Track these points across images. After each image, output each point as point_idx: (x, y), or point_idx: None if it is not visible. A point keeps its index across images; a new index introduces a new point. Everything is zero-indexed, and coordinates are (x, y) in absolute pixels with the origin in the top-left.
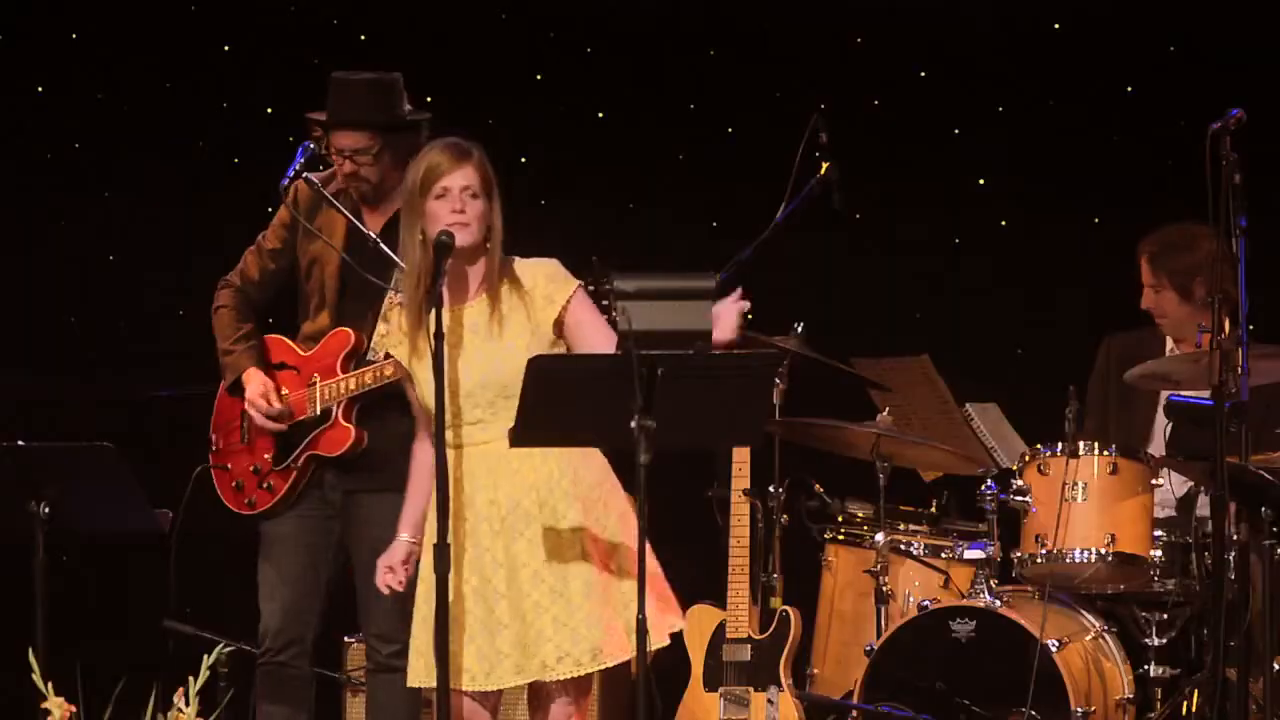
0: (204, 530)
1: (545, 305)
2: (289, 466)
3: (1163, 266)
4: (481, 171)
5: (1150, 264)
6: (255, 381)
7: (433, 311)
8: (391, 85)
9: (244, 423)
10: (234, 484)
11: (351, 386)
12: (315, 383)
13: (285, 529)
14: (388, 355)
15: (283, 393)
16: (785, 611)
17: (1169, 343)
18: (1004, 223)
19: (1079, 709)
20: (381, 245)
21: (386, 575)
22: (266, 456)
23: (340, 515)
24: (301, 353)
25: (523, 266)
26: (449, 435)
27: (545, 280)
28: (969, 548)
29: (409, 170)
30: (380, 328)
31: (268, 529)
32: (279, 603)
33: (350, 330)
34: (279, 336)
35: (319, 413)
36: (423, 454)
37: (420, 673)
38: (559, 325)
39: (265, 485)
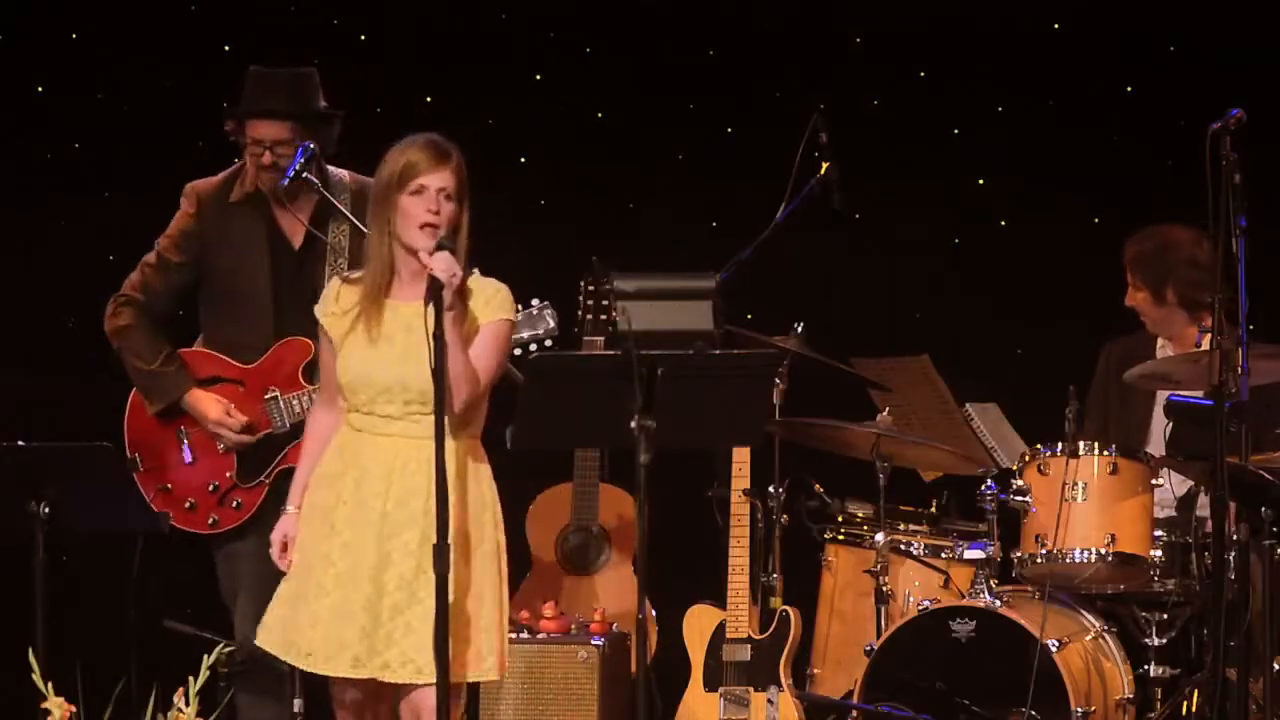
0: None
1: (481, 318)
2: (260, 483)
3: (1137, 269)
4: (459, 175)
5: (1128, 266)
6: (209, 403)
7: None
8: (308, 78)
9: (183, 441)
10: (186, 504)
11: None
12: (275, 395)
13: (249, 544)
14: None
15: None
16: (785, 611)
17: (1159, 341)
18: (1004, 223)
19: (1079, 709)
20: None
21: (286, 552)
22: (228, 474)
23: None
24: (239, 365)
25: (477, 282)
26: (356, 418)
27: (485, 302)
28: (969, 548)
29: (382, 163)
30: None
31: (231, 548)
32: (252, 615)
33: (308, 340)
34: (201, 349)
35: (289, 426)
36: (318, 425)
37: (269, 639)
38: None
39: (233, 504)
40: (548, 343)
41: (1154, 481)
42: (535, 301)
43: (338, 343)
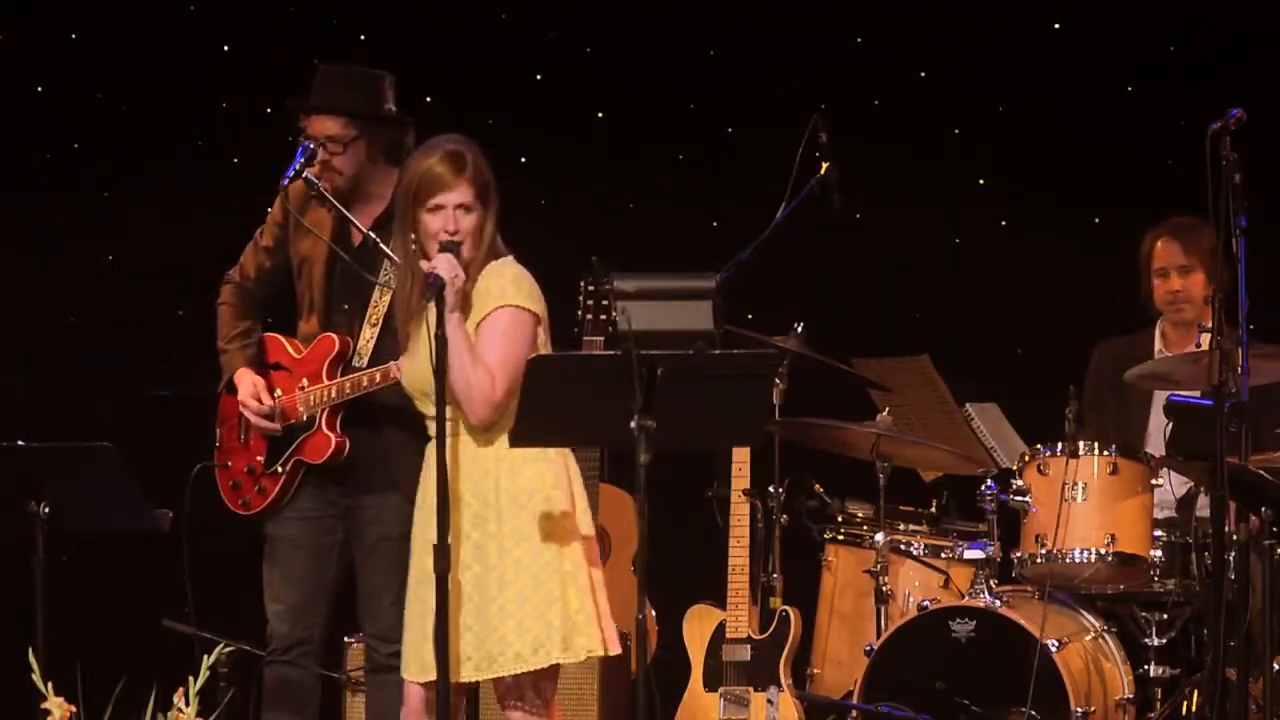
0: (204, 530)
1: (482, 306)
2: (276, 470)
3: (1194, 245)
4: (477, 183)
5: (1182, 244)
6: (245, 382)
7: (432, 309)
8: (375, 78)
9: (241, 421)
10: (231, 483)
11: (333, 394)
12: (304, 387)
13: (290, 531)
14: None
15: (276, 393)
16: (785, 611)
17: (1157, 343)
18: (1004, 223)
19: (1079, 709)
20: (380, 243)
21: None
22: (259, 458)
23: (343, 516)
24: (295, 355)
25: (494, 270)
26: (432, 427)
27: (482, 291)
28: (969, 548)
29: (404, 170)
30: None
31: (273, 531)
32: (285, 605)
33: (336, 336)
34: (279, 336)
35: (305, 418)
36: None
37: (411, 667)
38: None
39: (259, 487)
40: None
41: (1154, 481)
42: None
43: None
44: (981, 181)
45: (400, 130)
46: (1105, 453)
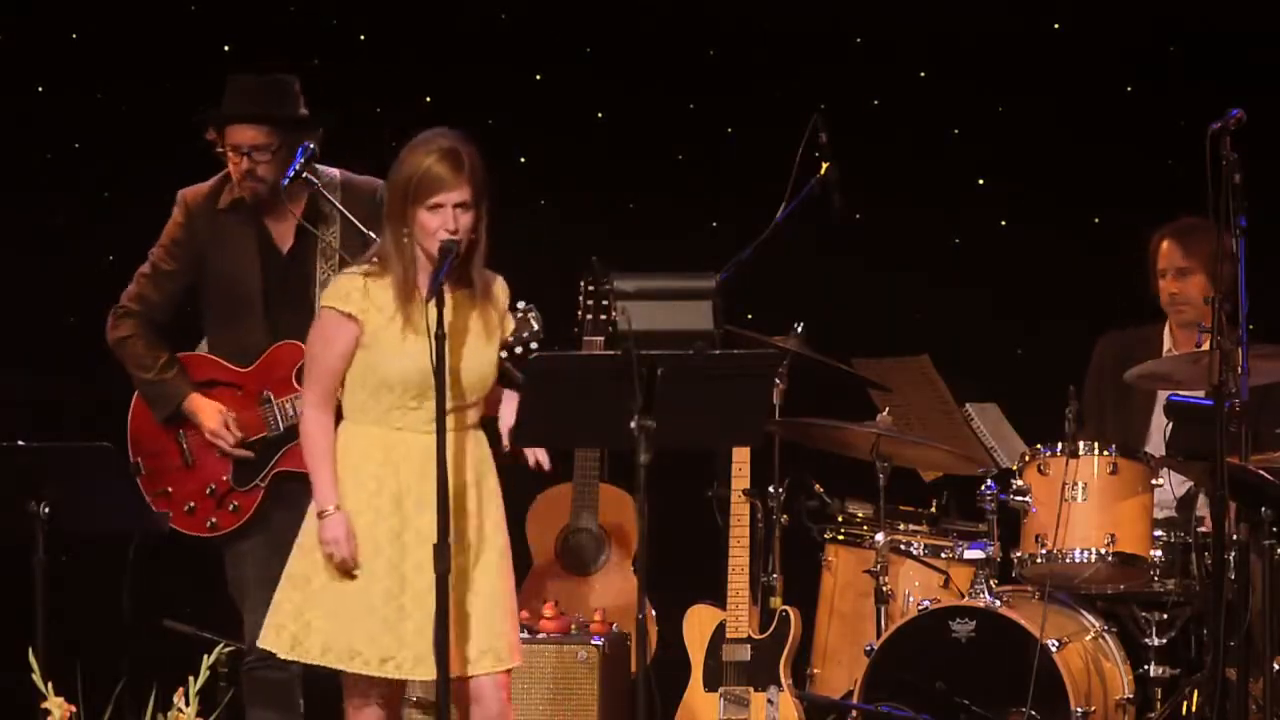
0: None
1: (507, 324)
2: (256, 486)
3: (1195, 248)
4: (474, 181)
5: (1183, 246)
6: (210, 412)
7: (433, 306)
8: (287, 84)
9: (183, 445)
10: (185, 508)
11: None
12: (270, 400)
13: (254, 542)
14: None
15: (230, 415)
16: (785, 611)
17: (1166, 341)
18: (1004, 223)
19: (1079, 709)
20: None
21: (345, 548)
22: (225, 478)
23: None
24: (235, 369)
25: (491, 277)
26: (390, 418)
27: (505, 299)
28: (969, 548)
29: (398, 165)
30: (337, 289)
31: (232, 544)
32: (258, 613)
33: (299, 344)
34: (199, 354)
35: (282, 429)
36: (327, 425)
37: (274, 639)
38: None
39: (232, 506)
40: (533, 345)
41: (1154, 481)
42: (520, 304)
43: (371, 337)
44: (981, 181)
45: (312, 131)
46: (1105, 453)
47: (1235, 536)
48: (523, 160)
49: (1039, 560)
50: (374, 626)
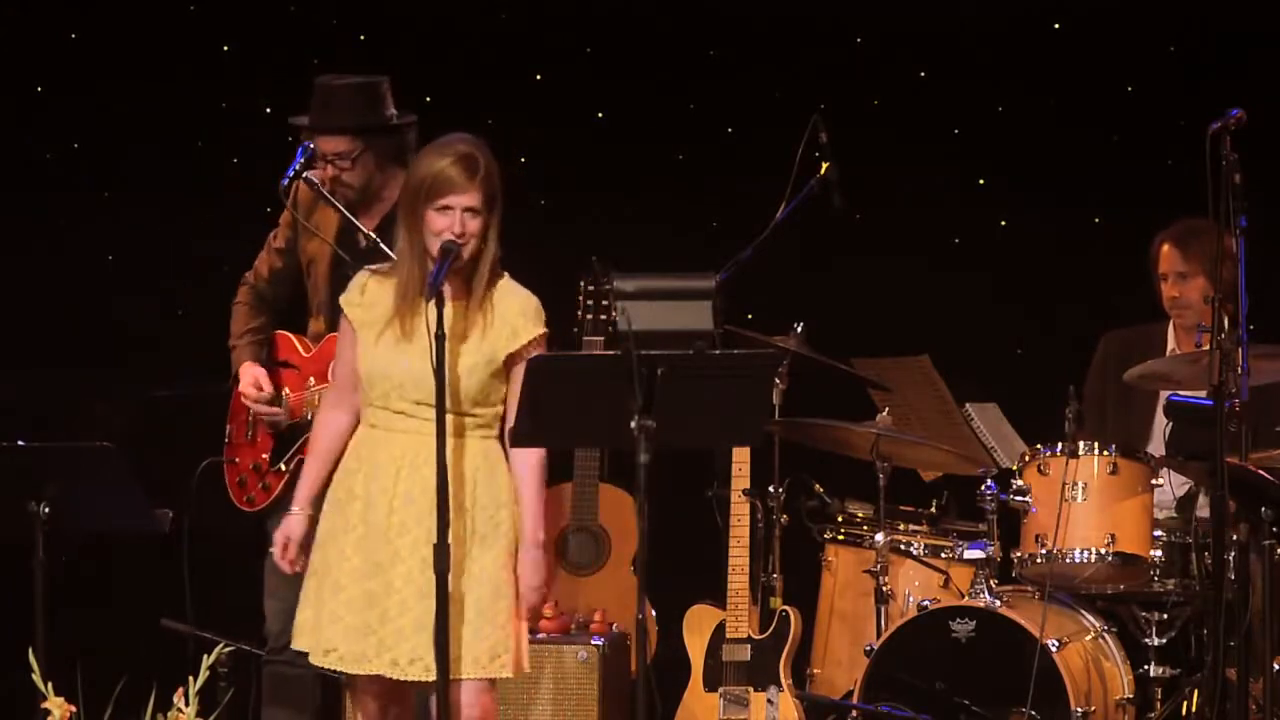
0: (204, 529)
1: (507, 336)
2: (280, 468)
3: (1195, 252)
4: (486, 187)
5: (1182, 250)
6: (247, 374)
7: (433, 308)
8: (374, 88)
9: (249, 416)
10: (238, 479)
11: None
12: (311, 386)
13: (275, 521)
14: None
15: (284, 392)
16: (785, 611)
17: (1170, 341)
18: (1004, 223)
19: (1079, 709)
20: (381, 244)
21: (286, 553)
22: (264, 456)
23: None
24: (304, 354)
25: (506, 289)
26: (371, 414)
27: (518, 313)
28: (969, 548)
29: (415, 165)
30: (348, 287)
31: (273, 528)
32: (282, 603)
33: None
34: (290, 334)
35: (310, 417)
36: (332, 425)
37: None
38: (511, 360)
39: (263, 484)
40: None
41: (1154, 481)
42: None
43: (360, 333)
44: (981, 181)
45: (403, 133)
46: (1105, 453)
47: (1235, 536)
48: (523, 160)
49: (1039, 560)
50: (355, 624)
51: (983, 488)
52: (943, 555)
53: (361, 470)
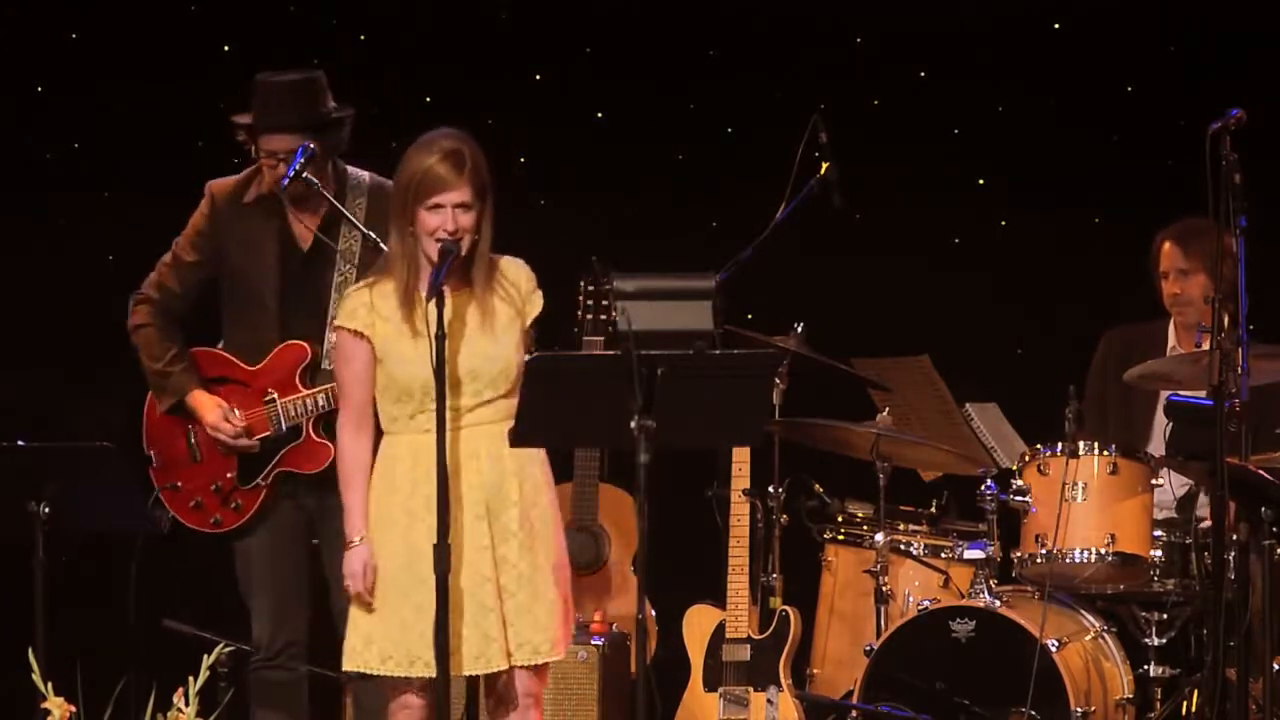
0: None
1: (532, 306)
2: (257, 485)
3: (1196, 249)
4: (475, 180)
5: (1183, 248)
6: (210, 406)
7: (433, 307)
8: (314, 84)
9: (191, 440)
10: (192, 503)
11: (321, 403)
12: (274, 399)
13: (261, 539)
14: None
15: (235, 411)
16: (785, 611)
17: (1171, 338)
18: (1004, 223)
19: (1079, 709)
20: (380, 243)
21: (366, 580)
22: (229, 475)
23: (313, 518)
24: (245, 366)
25: (502, 265)
26: (417, 422)
27: (527, 281)
28: (969, 548)
29: (402, 165)
30: (346, 307)
31: (242, 542)
32: (267, 612)
33: (305, 344)
34: (211, 349)
35: (285, 430)
36: (359, 453)
37: (362, 657)
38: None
39: (234, 504)
40: None
41: (1154, 481)
42: None
43: (383, 349)
44: (981, 181)
45: (343, 127)
46: (1105, 453)
47: (1235, 536)
48: (523, 160)
49: (1039, 560)
50: (423, 629)
51: (983, 488)
52: (943, 555)
53: (430, 478)
